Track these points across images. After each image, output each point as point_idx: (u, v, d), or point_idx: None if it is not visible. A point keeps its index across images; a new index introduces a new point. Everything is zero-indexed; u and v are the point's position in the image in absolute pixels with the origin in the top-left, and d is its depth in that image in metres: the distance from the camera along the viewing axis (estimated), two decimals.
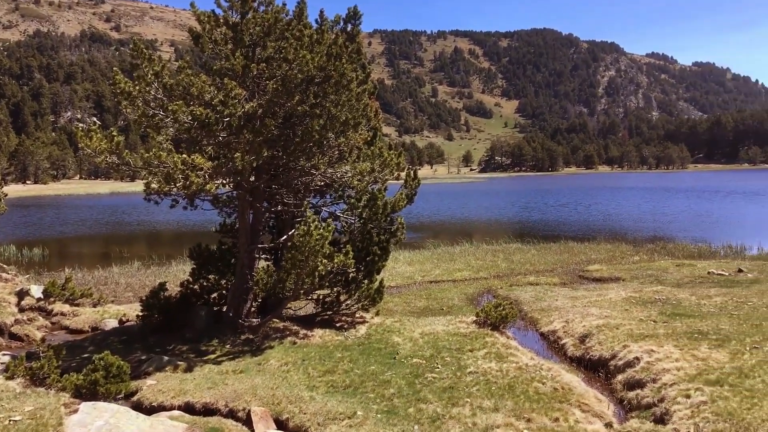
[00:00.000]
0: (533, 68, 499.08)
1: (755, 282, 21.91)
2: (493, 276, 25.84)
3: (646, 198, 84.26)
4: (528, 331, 17.50)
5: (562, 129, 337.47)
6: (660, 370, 11.80)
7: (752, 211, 60.48)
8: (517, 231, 45.50)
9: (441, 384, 11.45)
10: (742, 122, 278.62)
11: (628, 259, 29.60)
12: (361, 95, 14.85)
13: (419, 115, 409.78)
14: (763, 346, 13.00)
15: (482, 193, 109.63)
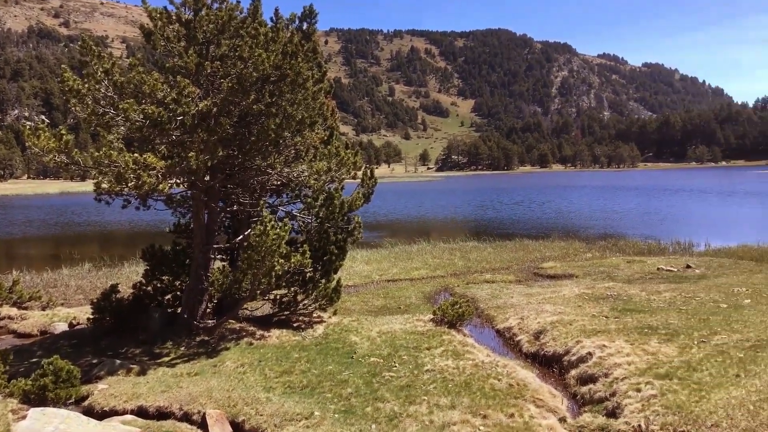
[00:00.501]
0: (488, 68, 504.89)
1: (702, 277, 22.57)
2: (450, 274, 26.03)
3: (598, 196, 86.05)
4: (484, 329, 17.69)
5: (517, 128, 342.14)
6: (612, 365, 12.07)
7: (699, 209, 62.30)
8: (473, 229, 45.96)
9: (398, 382, 11.49)
10: (690, 122, 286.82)
11: (581, 256, 30.16)
12: (318, 94, 14.80)
13: (376, 114, 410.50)
14: (711, 339, 13.40)
15: (439, 192, 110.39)
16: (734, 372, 11.11)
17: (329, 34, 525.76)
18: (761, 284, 19.94)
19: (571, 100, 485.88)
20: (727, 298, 18.00)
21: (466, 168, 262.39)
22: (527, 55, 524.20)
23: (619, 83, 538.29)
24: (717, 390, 10.27)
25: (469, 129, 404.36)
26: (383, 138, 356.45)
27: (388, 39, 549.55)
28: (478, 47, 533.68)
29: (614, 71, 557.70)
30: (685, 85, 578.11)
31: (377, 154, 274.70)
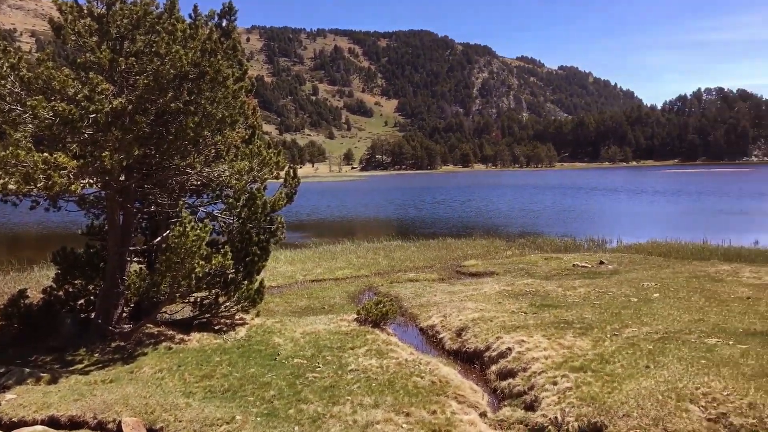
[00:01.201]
0: (411, 68, 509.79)
1: (615, 273, 23.55)
2: (374, 273, 26.13)
3: (517, 195, 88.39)
4: (408, 327, 17.85)
5: (440, 128, 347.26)
6: (530, 359, 12.43)
7: (611, 207, 64.95)
8: (397, 228, 46.32)
9: (322, 383, 11.44)
10: (603, 123, 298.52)
11: (502, 254, 30.87)
12: (238, 92, 14.52)
13: (300, 113, 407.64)
14: (622, 332, 14.00)
15: (363, 191, 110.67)
16: (644, 363, 11.64)
17: (251, 31, 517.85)
18: (668, 279, 20.98)
19: (491, 101, 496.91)
20: (638, 292, 18.84)
21: (390, 167, 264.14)
22: (449, 57, 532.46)
23: (537, 85, 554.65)
24: (628, 381, 10.73)
25: (393, 129, 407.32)
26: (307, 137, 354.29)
27: (311, 38, 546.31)
28: (401, 48, 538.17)
29: (532, 73, 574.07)
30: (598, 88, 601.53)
31: (301, 154, 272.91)
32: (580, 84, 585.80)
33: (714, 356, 11.93)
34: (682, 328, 14.28)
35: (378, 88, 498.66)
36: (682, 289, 18.97)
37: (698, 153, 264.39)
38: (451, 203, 74.09)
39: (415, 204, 74.51)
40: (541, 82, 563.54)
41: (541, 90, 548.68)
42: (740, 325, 14.45)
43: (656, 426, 9.19)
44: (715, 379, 10.54)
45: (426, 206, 70.22)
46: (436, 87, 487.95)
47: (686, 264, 25.07)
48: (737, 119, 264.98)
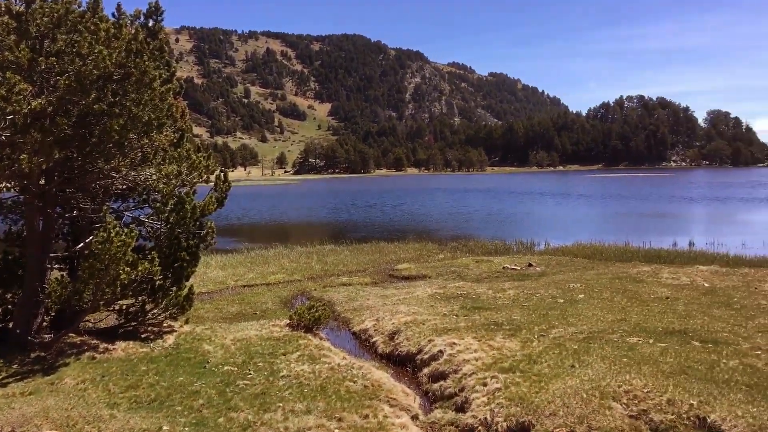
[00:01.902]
0: (345, 72, 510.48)
1: (542, 275, 24.18)
2: (307, 278, 25.96)
3: (450, 199, 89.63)
4: (341, 331, 17.82)
5: (373, 132, 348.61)
6: (461, 361, 12.60)
7: (539, 210, 66.68)
8: (331, 232, 46.17)
9: (253, 390, 11.27)
10: (531, 129, 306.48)
11: (434, 257, 31.21)
12: (166, 94, 14.17)
13: (232, 115, 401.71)
14: (549, 333, 14.39)
15: (297, 195, 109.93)
16: (570, 363, 12.00)
17: (180, 32, 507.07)
18: (593, 280, 21.69)
19: (423, 105, 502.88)
20: (564, 293, 19.40)
21: (324, 171, 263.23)
22: (382, 61, 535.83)
23: (468, 91, 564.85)
24: (555, 380, 11.03)
25: (327, 132, 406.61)
26: (239, 140, 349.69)
27: (243, 40, 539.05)
28: (334, 51, 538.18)
29: (463, 79, 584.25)
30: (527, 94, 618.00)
31: (233, 157, 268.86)
32: (509, 90, 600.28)
33: (635, 355, 12.40)
34: (605, 327, 14.78)
35: (311, 92, 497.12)
36: (606, 290, 19.65)
37: (621, 158, 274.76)
38: (383, 207, 74.49)
39: (347, 208, 74.54)
40: (472, 88, 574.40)
41: (472, 96, 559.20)
42: (660, 324, 15.07)
43: (581, 424, 9.48)
44: (636, 377, 10.95)
45: (358, 210, 70.33)
46: (369, 91, 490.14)
47: (610, 265, 25.99)
48: (657, 126, 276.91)
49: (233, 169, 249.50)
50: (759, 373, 11.25)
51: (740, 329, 14.45)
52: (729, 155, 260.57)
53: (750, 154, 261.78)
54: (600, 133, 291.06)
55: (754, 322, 15.20)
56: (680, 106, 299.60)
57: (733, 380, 10.87)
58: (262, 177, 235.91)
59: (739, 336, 13.77)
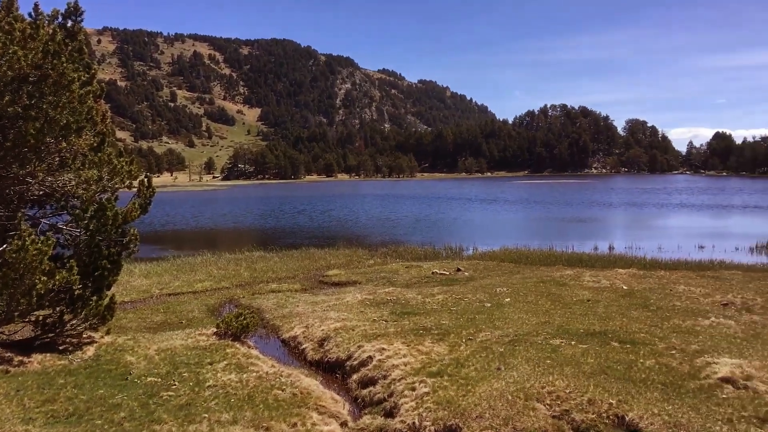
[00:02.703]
0: (275, 77, 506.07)
1: (471, 280, 24.60)
2: (235, 285, 25.54)
3: (380, 204, 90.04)
4: (270, 339, 17.61)
5: (304, 138, 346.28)
6: (390, 367, 12.67)
7: (467, 216, 67.82)
8: (260, 239, 45.62)
9: (177, 402, 10.99)
10: (460, 136, 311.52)
11: (364, 263, 31.27)
12: (86, 97, 13.69)
13: (157, 119, 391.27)
14: (476, 337, 14.64)
15: (225, 201, 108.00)
16: (496, 365, 12.24)
17: (102, 33, 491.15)
18: (519, 284, 22.24)
19: (354, 111, 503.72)
20: (491, 297, 19.80)
21: (253, 177, 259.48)
22: (312, 67, 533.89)
23: (398, 98, 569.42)
24: (481, 383, 11.23)
25: (256, 137, 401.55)
26: (165, 145, 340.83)
27: (168, 42, 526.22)
28: (263, 56, 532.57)
29: (393, 86, 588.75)
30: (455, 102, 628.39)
31: (158, 162, 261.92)
32: (438, 98, 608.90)
33: (558, 356, 12.77)
34: (530, 330, 15.16)
35: (240, 96, 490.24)
36: (531, 294, 20.18)
37: (545, 165, 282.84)
38: (311, 213, 74.13)
39: (275, 214, 73.78)
40: (402, 95, 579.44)
41: (402, 102, 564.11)
42: (581, 326, 15.58)
43: (506, 425, 9.68)
44: (559, 378, 11.29)
45: (286, 216, 69.72)
46: (299, 96, 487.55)
47: (535, 269, 26.72)
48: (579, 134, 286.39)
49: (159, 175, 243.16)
50: (674, 372, 11.78)
51: (656, 330, 15.10)
52: (646, 162, 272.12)
53: (665, 161, 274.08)
54: (526, 140, 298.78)
55: (669, 322, 15.92)
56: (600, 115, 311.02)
57: (649, 379, 11.33)
58: (190, 182, 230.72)
59: (655, 336, 14.38)
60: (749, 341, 13.94)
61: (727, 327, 15.33)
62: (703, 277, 23.50)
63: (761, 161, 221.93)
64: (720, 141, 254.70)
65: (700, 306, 18.11)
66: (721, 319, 16.09)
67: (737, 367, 11.65)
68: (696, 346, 13.47)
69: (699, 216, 63.91)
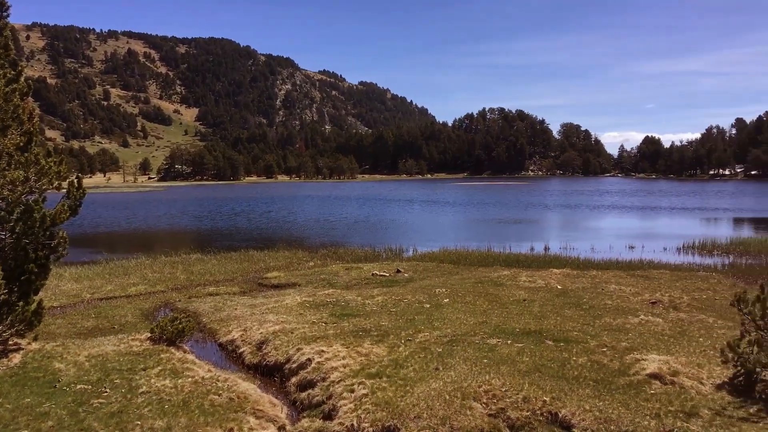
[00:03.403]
0: (213, 77, 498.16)
1: (410, 281, 24.76)
2: (171, 289, 24.99)
3: (319, 206, 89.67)
4: (207, 343, 17.29)
5: (243, 138, 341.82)
6: (329, 369, 12.62)
7: (407, 217, 68.26)
8: (198, 241, 44.78)
9: (109, 409, 10.66)
10: (401, 138, 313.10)
11: (305, 265, 31.08)
12: (11, 95, 13.15)
13: (90, 118, 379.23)
14: (415, 338, 14.75)
15: (161, 203, 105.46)
16: (434, 366, 12.37)
17: (31, 29, 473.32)
18: (457, 284, 22.52)
19: (294, 113, 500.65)
20: (430, 298, 19.98)
21: (191, 178, 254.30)
22: (252, 67, 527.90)
23: (339, 99, 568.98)
24: (420, 384, 11.32)
25: (194, 138, 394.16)
26: (98, 145, 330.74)
27: (102, 39, 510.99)
28: (201, 55, 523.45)
29: (334, 87, 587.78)
30: (396, 104, 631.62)
31: (91, 162, 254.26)
32: (379, 99, 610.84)
33: (495, 355, 12.99)
34: (468, 330, 15.37)
35: (177, 96, 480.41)
36: (469, 294, 20.46)
37: (484, 167, 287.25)
38: (250, 214, 73.22)
39: (212, 215, 72.53)
40: (342, 96, 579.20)
41: (343, 104, 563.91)
42: (517, 325, 15.90)
43: (443, 425, 9.78)
44: (495, 377, 11.48)
45: (224, 218, 68.63)
46: (239, 97, 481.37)
47: (473, 270, 27.11)
48: (516, 137, 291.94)
49: (91, 176, 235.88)
50: (605, 368, 12.15)
51: (589, 328, 15.55)
52: (580, 165, 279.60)
53: (598, 164, 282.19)
54: (465, 143, 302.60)
55: (600, 320, 16.41)
56: (537, 118, 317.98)
57: (582, 376, 11.66)
58: (124, 183, 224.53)
59: (587, 334, 14.80)
60: (676, 338, 14.51)
61: (655, 324, 15.91)
62: (633, 276, 24.34)
63: (688, 164, 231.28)
64: (649, 145, 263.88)
65: (630, 304, 18.74)
66: (650, 317, 16.69)
67: (665, 363, 12.10)
68: (626, 343, 13.93)
69: (629, 217, 66.12)
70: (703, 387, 11.09)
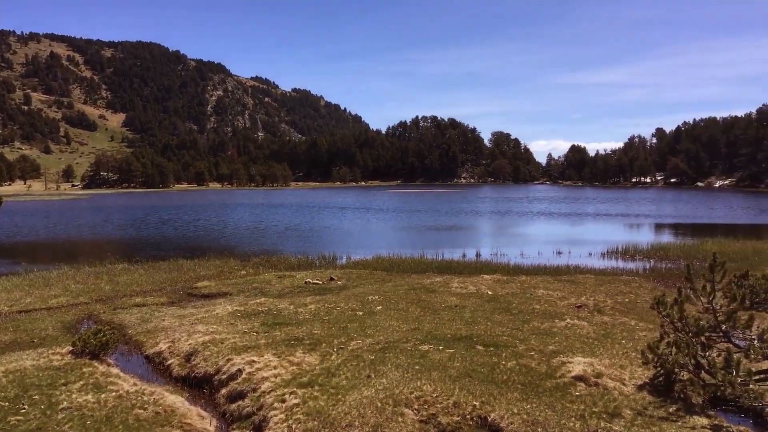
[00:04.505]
0: (141, 82, 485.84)
1: (344, 288, 24.70)
2: (95, 300, 24.12)
3: (253, 213, 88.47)
4: (133, 356, 16.75)
5: (173, 145, 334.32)
6: (260, 379, 12.44)
7: (341, 224, 68.14)
8: (125, 250, 43.38)
9: (27, 426, 10.20)
10: (334, 145, 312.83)
11: (236, 274, 30.56)
12: None
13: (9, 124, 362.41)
14: (348, 345, 14.71)
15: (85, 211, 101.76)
16: (366, 373, 12.36)
17: None
18: (390, 292, 22.61)
19: (226, 119, 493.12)
20: (363, 306, 19.98)
21: (118, 185, 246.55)
22: (181, 72, 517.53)
23: (272, 106, 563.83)
24: (351, 392, 11.29)
25: (121, 144, 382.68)
26: (18, 151, 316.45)
27: (22, 41, 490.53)
28: (128, 59, 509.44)
29: (267, 94, 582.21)
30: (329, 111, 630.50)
31: (10, 169, 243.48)
32: (312, 107, 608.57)
33: (426, 362, 13.10)
34: (400, 337, 15.44)
35: (103, 101, 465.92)
36: (402, 301, 20.58)
37: (417, 174, 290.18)
38: (176, 222, 71.56)
39: (137, 224, 70.46)
40: (275, 103, 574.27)
41: (276, 111, 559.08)
42: (449, 331, 16.08)
43: None
44: (426, 383, 11.57)
45: (149, 227, 66.74)
46: (168, 102, 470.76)
47: (406, 277, 27.28)
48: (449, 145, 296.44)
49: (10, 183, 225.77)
50: (532, 372, 12.43)
51: (518, 332, 15.88)
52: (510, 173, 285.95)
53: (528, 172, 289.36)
54: (398, 150, 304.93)
55: (529, 325, 16.79)
56: (468, 127, 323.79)
57: (510, 380, 11.89)
58: (46, 191, 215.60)
59: (516, 339, 15.11)
60: (600, 340, 14.99)
61: (580, 328, 16.39)
62: (560, 281, 25.03)
63: (612, 172, 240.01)
64: (576, 153, 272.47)
65: (557, 308, 19.25)
66: (576, 321, 17.19)
67: (589, 365, 12.48)
68: (553, 346, 14.29)
69: (557, 223, 68.02)
70: (625, 388, 11.49)
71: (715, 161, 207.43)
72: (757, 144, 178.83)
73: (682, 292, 11.68)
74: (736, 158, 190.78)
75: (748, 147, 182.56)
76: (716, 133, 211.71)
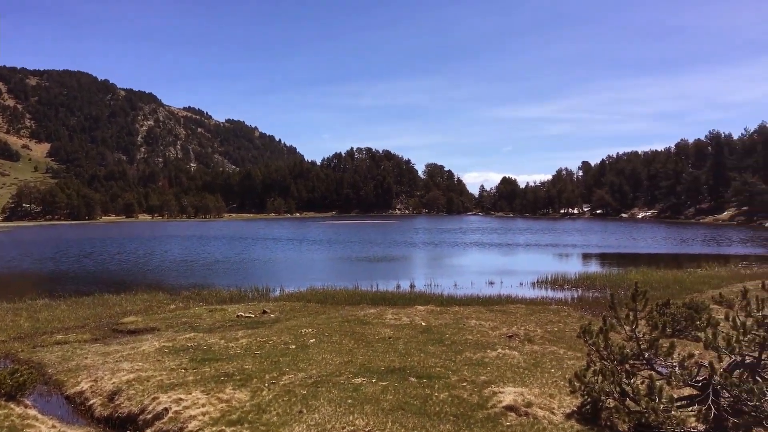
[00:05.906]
0: (67, 111, 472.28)
1: (276, 321, 24.33)
2: (13, 338, 22.91)
3: (184, 246, 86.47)
4: (53, 396, 15.96)
5: (101, 176, 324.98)
6: (187, 418, 12.05)
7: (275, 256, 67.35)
8: (46, 285, 41.54)
9: None
10: (269, 176, 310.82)
11: (165, 308, 29.68)
12: None
13: None
14: (280, 380, 14.45)
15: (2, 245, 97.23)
16: (298, 409, 12.15)
17: None
18: (324, 324, 22.41)
19: (157, 149, 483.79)
20: (296, 339, 19.71)
21: (41, 217, 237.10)
22: (110, 101, 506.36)
23: (205, 136, 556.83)
24: (282, 428, 11.07)
25: (45, 175, 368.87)
26: None
27: None
28: (54, 88, 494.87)
29: (200, 125, 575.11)
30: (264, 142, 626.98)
31: None
32: (246, 138, 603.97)
33: (359, 395, 12.99)
34: (333, 370, 15.29)
35: (27, 130, 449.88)
36: (335, 333, 20.41)
37: (353, 205, 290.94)
38: (99, 256, 69.19)
39: (56, 257, 67.67)
40: (209, 134, 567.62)
41: (210, 141, 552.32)
42: (382, 363, 16.03)
43: None
44: (359, 417, 11.46)
45: (69, 260, 64.20)
46: (96, 132, 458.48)
47: (340, 309, 27.11)
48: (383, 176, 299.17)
49: None
50: (465, 403, 12.49)
51: (450, 363, 15.96)
52: (444, 204, 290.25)
53: (461, 203, 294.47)
54: (333, 181, 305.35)
55: (462, 356, 16.92)
56: (403, 158, 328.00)
57: (443, 412, 11.91)
58: None
59: (449, 369, 15.19)
60: (530, 370, 15.23)
61: (511, 357, 16.63)
62: (492, 311, 25.40)
63: (541, 203, 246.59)
64: (507, 185, 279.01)
65: (489, 339, 19.49)
66: (507, 350, 17.43)
67: (519, 395, 12.64)
68: (485, 377, 14.43)
69: (489, 254, 69.19)
70: (554, 416, 11.68)
71: (637, 193, 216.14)
72: (677, 177, 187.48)
73: (606, 321, 12.03)
74: (657, 190, 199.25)
75: (668, 180, 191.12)
76: (638, 166, 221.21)
